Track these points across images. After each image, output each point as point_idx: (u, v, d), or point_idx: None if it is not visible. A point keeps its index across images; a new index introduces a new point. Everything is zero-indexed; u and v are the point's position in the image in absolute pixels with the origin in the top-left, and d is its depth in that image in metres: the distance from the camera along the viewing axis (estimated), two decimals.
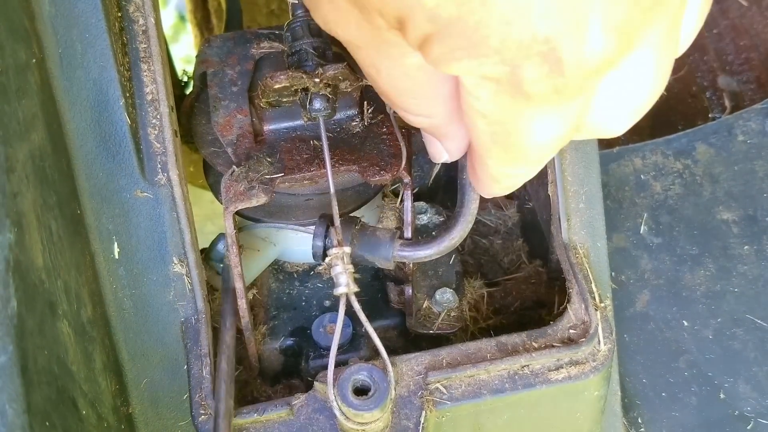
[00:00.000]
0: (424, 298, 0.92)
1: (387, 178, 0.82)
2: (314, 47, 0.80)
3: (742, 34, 1.40)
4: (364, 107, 0.86)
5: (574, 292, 0.82)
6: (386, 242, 0.78)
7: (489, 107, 0.52)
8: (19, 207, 0.62)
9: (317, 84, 0.78)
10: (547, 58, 0.46)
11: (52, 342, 0.63)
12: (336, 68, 0.78)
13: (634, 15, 0.46)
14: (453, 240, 0.77)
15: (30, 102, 0.68)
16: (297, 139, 0.85)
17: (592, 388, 0.80)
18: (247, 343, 0.85)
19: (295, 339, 0.90)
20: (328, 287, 0.94)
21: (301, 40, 0.80)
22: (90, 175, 0.76)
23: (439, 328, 0.89)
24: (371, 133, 0.86)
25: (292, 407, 0.75)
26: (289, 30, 0.82)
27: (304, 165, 0.82)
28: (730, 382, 0.98)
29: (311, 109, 0.80)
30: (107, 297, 0.77)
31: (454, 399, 0.77)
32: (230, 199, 0.78)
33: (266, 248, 0.93)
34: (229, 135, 0.85)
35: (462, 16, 0.45)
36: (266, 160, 0.82)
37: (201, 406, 0.75)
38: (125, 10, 0.77)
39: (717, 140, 1.13)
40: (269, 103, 0.83)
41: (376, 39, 0.54)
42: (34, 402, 0.57)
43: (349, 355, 0.86)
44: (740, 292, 1.03)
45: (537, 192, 0.99)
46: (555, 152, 0.58)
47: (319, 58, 0.79)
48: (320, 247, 0.77)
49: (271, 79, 0.78)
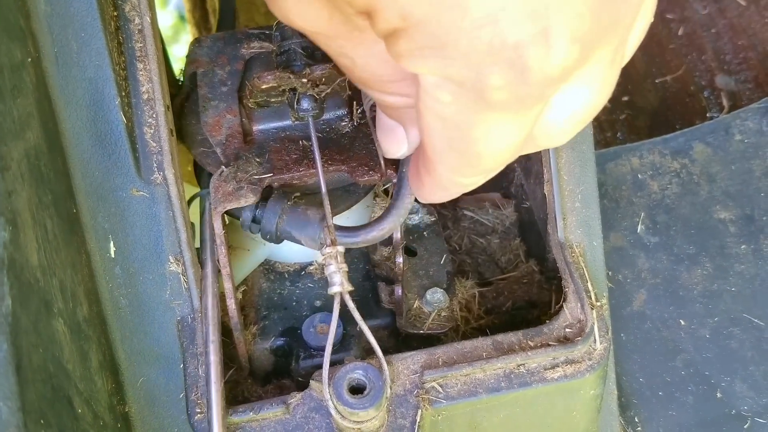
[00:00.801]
0: (415, 298, 0.91)
1: (376, 178, 0.82)
2: (303, 47, 0.81)
3: (740, 34, 1.40)
4: (353, 107, 0.86)
5: (570, 291, 0.82)
6: (315, 222, 0.77)
7: (448, 110, 0.51)
8: (14, 205, 0.62)
9: (305, 84, 0.78)
10: (514, 65, 0.46)
11: (47, 340, 0.63)
12: (323, 68, 0.78)
13: (595, 29, 0.46)
14: (382, 231, 0.76)
15: (25, 101, 0.68)
16: (286, 139, 0.86)
17: (588, 386, 0.80)
18: (237, 344, 0.85)
19: (285, 339, 0.90)
20: (318, 287, 0.94)
21: (290, 40, 0.81)
22: (86, 173, 0.76)
23: (430, 328, 0.89)
24: (360, 133, 0.86)
25: (288, 406, 0.75)
26: (278, 29, 0.82)
27: (293, 165, 0.82)
28: (727, 381, 0.98)
29: (299, 109, 0.80)
30: (103, 296, 0.77)
31: (450, 398, 0.77)
32: (219, 199, 0.78)
33: (256, 247, 0.93)
34: (218, 135, 0.85)
35: (434, 15, 0.45)
36: (255, 161, 0.82)
37: (197, 405, 0.75)
38: (121, 9, 0.77)
39: (714, 140, 1.13)
40: (257, 103, 0.83)
41: (348, 27, 0.53)
42: (29, 400, 0.57)
43: (341, 355, 0.86)
44: (737, 292, 1.03)
45: (534, 191, 0.99)
46: (507, 162, 0.57)
47: (307, 58, 0.80)
48: (248, 218, 0.79)
49: (259, 79, 0.78)
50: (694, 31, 1.45)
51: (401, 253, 0.89)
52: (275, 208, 0.78)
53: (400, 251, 0.89)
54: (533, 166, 0.98)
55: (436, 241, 1.00)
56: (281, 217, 0.78)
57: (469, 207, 1.11)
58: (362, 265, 0.97)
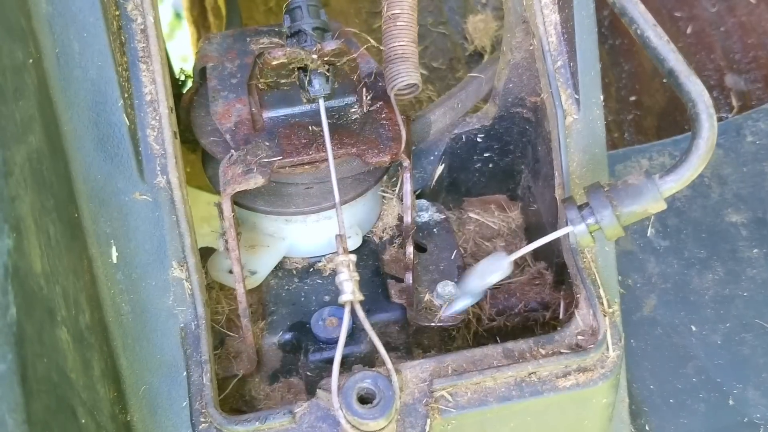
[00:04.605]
0: (426, 291, 0.91)
1: (386, 159, 0.81)
2: (313, 28, 0.81)
3: (749, 32, 1.38)
4: (363, 94, 0.86)
5: (582, 297, 0.81)
6: (646, 184, 0.73)
7: None
8: (18, 211, 0.60)
9: (315, 61, 0.77)
10: None
11: (51, 349, 0.62)
12: (335, 44, 0.77)
13: None
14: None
15: (27, 103, 0.67)
16: (296, 125, 0.85)
17: (601, 395, 0.78)
18: (245, 332, 0.84)
19: (293, 333, 0.89)
20: (327, 283, 0.94)
21: (300, 21, 0.81)
22: (88, 177, 0.75)
23: (441, 321, 0.88)
24: (370, 118, 0.86)
25: (295, 415, 0.74)
26: (288, 12, 0.83)
27: (302, 149, 0.82)
28: (739, 388, 0.97)
29: (311, 90, 0.80)
30: (105, 302, 0.75)
31: (460, 407, 0.75)
32: (228, 181, 0.77)
33: (275, 243, 0.93)
34: (227, 123, 0.85)
35: None
36: (264, 145, 0.81)
37: (201, 414, 0.74)
38: (123, 9, 0.75)
39: (725, 141, 1.12)
40: (268, 84, 0.82)
41: None
42: (34, 411, 0.56)
43: (349, 348, 0.85)
44: (749, 297, 1.01)
45: (543, 194, 0.97)
46: None
47: (318, 39, 0.80)
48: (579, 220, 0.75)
49: (270, 55, 0.77)
50: (702, 29, 1.43)
51: (411, 242, 0.88)
52: (604, 201, 0.75)
53: (410, 240, 0.88)
54: (542, 168, 0.97)
55: (446, 237, 1.00)
56: (613, 203, 0.74)
57: (475, 209, 1.09)
58: (372, 261, 0.96)
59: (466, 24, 1.64)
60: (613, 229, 0.73)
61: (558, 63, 0.85)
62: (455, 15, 1.69)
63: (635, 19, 0.72)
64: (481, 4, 1.69)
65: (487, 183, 1.09)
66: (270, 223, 0.93)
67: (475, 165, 1.07)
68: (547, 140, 0.90)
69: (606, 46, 1.59)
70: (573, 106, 0.85)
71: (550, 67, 0.85)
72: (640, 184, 0.73)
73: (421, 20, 1.64)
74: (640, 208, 0.73)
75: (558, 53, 0.85)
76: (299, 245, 0.95)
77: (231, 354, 0.86)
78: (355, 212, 0.96)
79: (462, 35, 1.66)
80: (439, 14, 1.70)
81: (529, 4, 0.86)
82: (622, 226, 0.73)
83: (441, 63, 1.64)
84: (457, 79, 1.62)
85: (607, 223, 0.73)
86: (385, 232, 1.00)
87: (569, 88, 0.85)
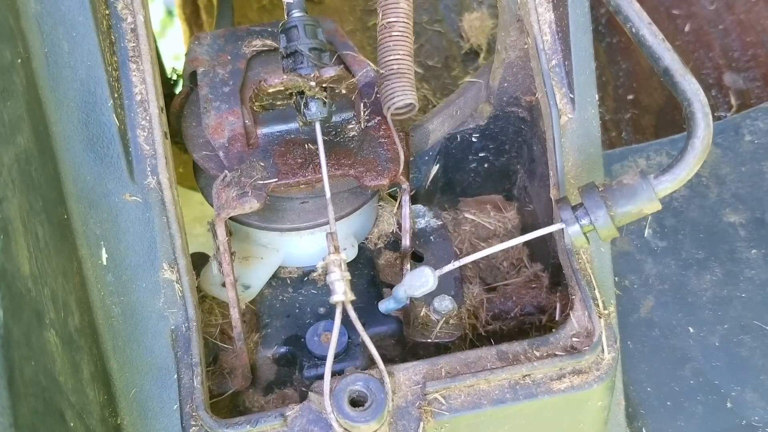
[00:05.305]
0: (422, 305, 0.89)
1: (385, 183, 0.80)
2: (310, 49, 0.78)
3: (748, 30, 1.37)
4: (361, 110, 0.84)
5: (577, 298, 0.80)
6: (641, 184, 0.72)
7: None
8: (5, 213, 0.60)
9: (313, 88, 0.76)
10: None
11: (39, 352, 0.61)
12: (333, 70, 0.76)
13: None
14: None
15: (15, 103, 0.66)
16: (291, 142, 0.83)
17: (596, 398, 0.78)
18: (239, 354, 0.83)
19: (288, 347, 0.88)
20: (322, 294, 0.92)
21: (296, 42, 0.78)
22: (77, 178, 0.74)
23: (438, 337, 0.87)
24: (368, 136, 0.84)
25: (286, 418, 0.73)
26: (284, 31, 0.79)
27: (298, 170, 0.80)
28: (737, 390, 0.96)
29: (307, 113, 0.77)
30: (95, 304, 0.75)
31: (453, 410, 0.74)
32: (222, 205, 0.76)
33: (269, 255, 0.91)
34: (220, 138, 0.82)
35: None
36: (259, 165, 0.80)
37: (192, 417, 0.73)
38: (113, 8, 0.75)
39: (723, 140, 1.11)
40: (263, 106, 0.81)
41: None
42: (21, 415, 0.56)
43: (345, 364, 0.84)
44: (748, 298, 1.00)
45: (539, 194, 0.96)
46: None
47: (315, 60, 0.77)
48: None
49: (266, 82, 0.76)
50: (701, 27, 1.42)
51: (408, 259, 0.87)
52: (598, 201, 0.74)
53: (408, 258, 0.87)
54: (538, 168, 0.96)
55: (443, 246, 0.98)
56: (607, 204, 0.73)
57: (470, 210, 1.09)
58: (367, 271, 0.95)
59: (462, 22, 1.63)
60: (608, 230, 0.72)
61: (553, 62, 0.84)
62: (451, 13, 1.68)
63: (630, 17, 0.72)
64: (476, 1, 1.69)
65: (483, 183, 1.08)
66: (264, 234, 0.92)
67: (471, 165, 1.06)
68: (542, 140, 0.89)
69: (603, 44, 1.58)
70: (568, 106, 0.84)
71: (545, 66, 0.84)
72: (634, 184, 0.72)
73: (417, 18, 1.63)
74: (635, 209, 0.72)
75: (552, 52, 0.84)
76: (294, 256, 0.94)
77: (225, 370, 0.85)
78: (351, 223, 0.94)
79: (457, 33, 1.65)
80: (434, 12, 1.69)
81: (523, 2, 0.85)
82: (617, 226, 0.72)
83: (436, 61, 1.63)
84: (452, 78, 1.61)
85: (602, 224, 0.72)
86: (380, 240, 0.98)
87: (564, 87, 0.84)
